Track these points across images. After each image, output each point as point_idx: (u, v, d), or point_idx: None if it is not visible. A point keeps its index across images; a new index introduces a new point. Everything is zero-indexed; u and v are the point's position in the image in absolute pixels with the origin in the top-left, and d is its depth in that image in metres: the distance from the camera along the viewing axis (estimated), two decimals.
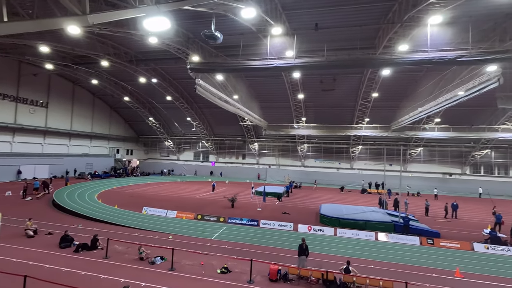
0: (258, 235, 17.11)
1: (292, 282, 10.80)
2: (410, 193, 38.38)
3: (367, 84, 32.43)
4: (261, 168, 52.10)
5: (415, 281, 10.77)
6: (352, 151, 46.91)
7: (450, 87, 24.76)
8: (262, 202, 26.50)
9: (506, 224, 19.10)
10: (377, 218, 19.80)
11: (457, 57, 16.10)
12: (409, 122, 33.23)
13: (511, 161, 43.23)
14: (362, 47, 23.61)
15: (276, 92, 37.75)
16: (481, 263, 13.92)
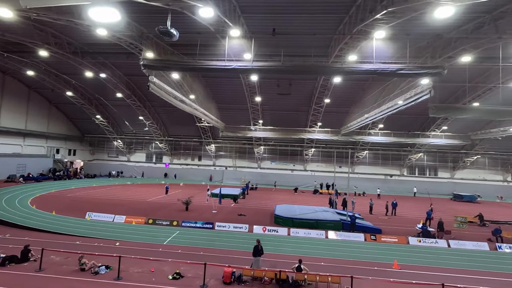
0: (213, 238, 16.85)
1: (246, 284, 10.83)
2: (357, 193, 41.31)
3: (320, 90, 34.18)
4: (217, 170, 51.55)
5: (360, 275, 11.58)
6: (305, 154, 48.94)
7: (391, 96, 27.29)
8: (217, 204, 26.20)
9: (435, 219, 21.60)
10: (328, 217, 20.90)
11: (398, 70, 17.81)
12: (357, 127, 35.84)
13: (439, 163, 49.24)
14: (316, 55, 24.82)
15: (234, 94, 37.77)
16: (414, 254, 15.53)
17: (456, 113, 25.87)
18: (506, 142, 44.48)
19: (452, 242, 17.42)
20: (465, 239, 18.18)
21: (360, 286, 10.71)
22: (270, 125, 41.78)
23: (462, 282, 11.70)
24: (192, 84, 32.01)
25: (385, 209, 27.16)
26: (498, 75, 26.93)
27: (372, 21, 17.89)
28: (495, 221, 24.56)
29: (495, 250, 16.96)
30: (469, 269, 13.68)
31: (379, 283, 11.29)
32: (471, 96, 32.87)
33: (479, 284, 11.68)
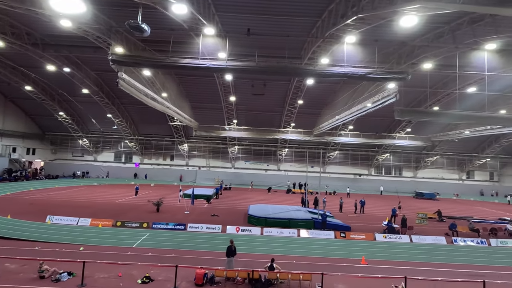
0: (185, 239, 16.51)
1: (219, 285, 10.75)
2: (328, 192, 42.60)
3: (294, 91, 34.81)
4: (190, 170, 50.62)
5: (330, 272, 11.96)
6: (279, 154, 49.60)
7: (361, 99, 28.49)
8: (190, 205, 25.72)
9: (399, 216, 22.87)
10: (300, 216, 21.35)
11: (366, 74, 18.65)
12: (328, 128, 37.00)
13: (403, 163, 52.26)
14: (290, 57, 25.17)
15: (208, 93, 37.29)
16: (380, 250, 16.34)
17: (419, 116, 27.62)
18: (461, 144, 48.33)
19: (414, 237, 18.56)
20: (426, 234, 19.45)
21: (330, 283, 11.06)
22: (245, 125, 41.83)
23: (423, 274, 12.50)
24: (165, 82, 31.12)
25: (354, 207, 28.28)
26: (455, 82, 29.17)
27: (344, 26, 18.53)
28: (452, 216, 26.53)
29: (451, 243, 18.32)
30: (429, 262, 14.66)
31: (348, 279, 11.73)
32: (432, 101, 35.30)
33: (437, 275, 12.54)
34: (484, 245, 18.29)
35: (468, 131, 37.53)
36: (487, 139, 47.65)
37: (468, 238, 18.89)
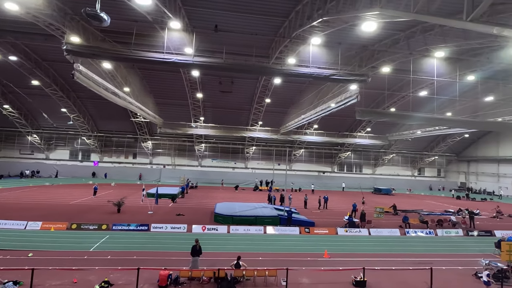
0: (148, 240, 15.89)
1: (183, 285, 10.52)
2: (294, 189, 43.68)
3: (261, 90, 35.09)
4: (154, 168, 48.80)
5: (294, 266, 12.30)
6: (246, 152, 49.77)
7: (325, 99, 29.59)
8: (154, 204, 24.79)
9: (359, 211, 24.18)
10: (266, 213, 21.64)
11: (330, 75, 19.41)
12: (295, 127, 37.93)
13: (363, 161, 55.39)
14: (257, 55, 25.31)
15: (174, 88, 36.19)
16: (342, 243, 17.18)
17: (377, 117, 29.40)
18: (414, 143, 52.44)
19: (372, 230, 19.78)
20: (382, 227, 20.83)
21: (294, 277, 11.37)
22: (212, 122, 41.29)
23: (379, 264, 13.38)
24: (127, 76, 29.57)
25: (318, 203, 29.36)
26: (409, 85, 31.52)
27: (309, 27, 19.05)
28: (405, 210, 28.69)
29: (404, 235, 19.84)
30: (385, 253, 15.73)
31: (311, 273, 12.16)
32: (389, 103, 37.76)
33: (392, 265, 13.51)
34: (432, 235, 20.07)
35: (420, 131, 40.85)
36: (435, 139, 52.27)
37: (419, 229, 20.60)
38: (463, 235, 20.46)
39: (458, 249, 17.05)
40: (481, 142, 52.70)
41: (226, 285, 10.44)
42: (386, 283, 11.47)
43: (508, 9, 14.68)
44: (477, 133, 49.56)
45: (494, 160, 50.32)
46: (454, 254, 16.10)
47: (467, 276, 12.69)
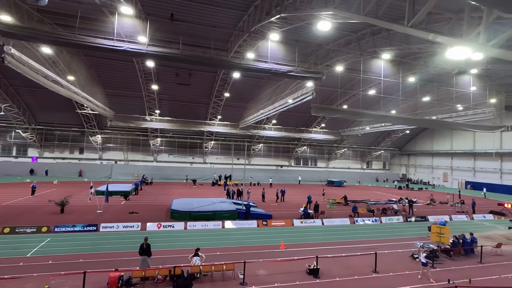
0: (97, 241, 14.80)
1: (136, 286, 10.03)
2: (252, 183, 44.23)
3: (220, 84, 34.65)
4: (105, 164, 45.48)
5: (252, 259, 12.51)
6: (205, 146, 48.93)
7: (283, 95, 30.27)
8: (104, 203, 23.14)
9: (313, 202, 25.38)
10: (224, 207, 21.58)
11: (288, 71, 19.81)
12: (253, 121, 38.25)
13: (318, 155, 58.13)
14: (216, 48, 24.87)
15: (126, 79, 33.94)
16: (298, 234, 17.88)
17: (331, 113, 30.96)
18: (363, 138, 56.53)
19: (325, 221, 20.92)
20: (334, 217, 22.15)
21: (252, 270, 11.55)
22: (168, 116, 39.70)
23: (331, 252, 14.24)
24: (71, 63, 26.94)
25: (276, 196, 30.14)
26: (360, 84, 33.74)
27: (268, 23, 19.23)
28: (354, 200, 30.90)
29: (353, 223, 21.35)
30: (337, 241, 16.75)
31: (268, 264, 12.47)
32: (342, 100, 40.04)
33: (342, 252, 14.47)
34: (377, 222, 21.92)
35: (368, 128, 44.12)
36: (381, 135, 56.94)
37: (366, 218, 22.34)
38: (403, 221, 22.72)
39: (399, 234, 18.88)
40: (419, 138, 58.78)
41: (182, 282, 10.19)
42: (337, 269, 12.25)
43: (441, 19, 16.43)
44: (416, 130, 55.06)
45: (429, 154, 56.56)
46: (395, 238, 17.79)
47: (405, 257, 14.14)
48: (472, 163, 48.16)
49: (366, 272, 12.17)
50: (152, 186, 38.07)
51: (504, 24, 9.93)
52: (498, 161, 43.83)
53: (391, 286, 10.81)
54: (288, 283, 10.84)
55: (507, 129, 40.72)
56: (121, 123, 38.07)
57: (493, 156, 42.93)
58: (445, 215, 24.49)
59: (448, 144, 52.18)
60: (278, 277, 11.26)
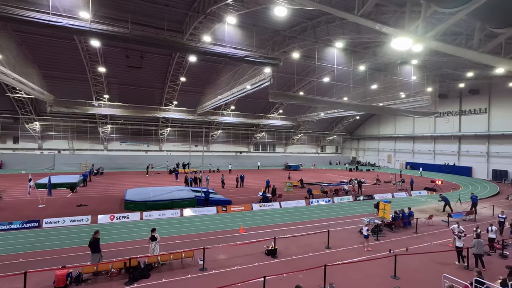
0: (39, 239, 13.54)
1: (88, 282, 9.47)
2: (212, 169, 43.89)
3: (175, 67, 33.09)
4: (46, 154, 41.15)
5: (211, 245, 12.59)
6: (161, 133, 46.88)
7: (241, 80, 30.03)
8: (46, 196, 21.09)
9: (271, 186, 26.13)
10: (183, 195, 21.15)
11: (245, 56, 19.61)
12: (211, 107, 37.50)
13: (276, 141, 59.55)
14: (170, 29, 23.45)
15: (67, 60, 30.61)
16: (257, 218, 18.35)
17: (288, 99, 31.64)
18: (318, 124, 59.17)
19: (283, 203, 21.75)
20: (291, 199, 23.14)
21: (212, 255, 11.63)
22: (119, 101, 36.97)
23: (288, 232, 14.93)
24: None
25: (236, 181, 30.38)
26: (315, 72, 34.90)
27: (224, 5, 18.67)
28: (309, 183, 32.56)
29: (308, 204, 22.55)
30: (293, 222, 17.58)
31: (228, 248, 12.66)
32: (298, 87, 41.13)
33: (298, 231, 15.26)
34: (330, 203, 23.45)
35: (323, 114, 46.18)
36: (334, 120, 60.14)
37: (320, 199, 23.74)
38: (353, 200, 24.63)
39: (349, 212, 20.47)
40: (368, 123, 63.38)
41: (139, 273, 9.88)
42: (293, 248, 12.92)
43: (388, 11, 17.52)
44: (365, 116, 59.15)
45: (376, 138, 61.48)
46: (346, 216, 19.26)
47: (354, 233, 15.43)
48: (412, 146, 53.61)
49: (320, 248, 13.04)
50: (103, 176, 35.63)
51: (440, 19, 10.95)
52: (432, 144, 49.42)
53: (341, 259, 11.76)
54: (248, 265, 11.16)
55: (440, 115, 45.90)
56: (63, 109, 34.46)
57: (428, 139, 48.20)
58: (388, 193, 27.10)
59: (392, 129, 57.17)
60: (238, 260, 11.52)
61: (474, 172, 42.93)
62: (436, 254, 12.24)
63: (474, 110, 42.93)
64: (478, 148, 42.66)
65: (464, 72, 33.62)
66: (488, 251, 12.86)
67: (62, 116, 40.41)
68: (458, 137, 44.97)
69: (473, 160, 43.45)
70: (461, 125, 44.66)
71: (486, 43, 9.92)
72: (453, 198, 23.31)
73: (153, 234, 11.20)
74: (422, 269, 11.12)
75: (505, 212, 16.45)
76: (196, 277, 10.06)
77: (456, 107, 45.25)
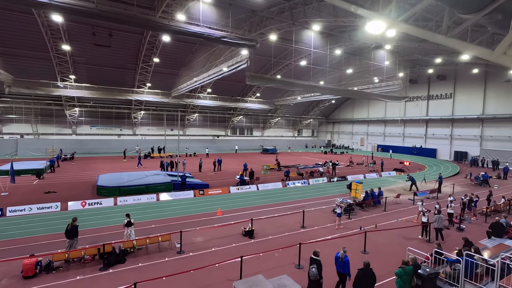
0: (3, 228, 12.82)
1: (59, 270, 9.18)
2: (188, 153, 43.29)
3: (148, 47, 31.52)
4: (7, 139, 38.29)
5: (188, 228, 12.60)
6: (134, 117, 45.10)
7: (217, 62, 29.30)
8: (9, 184, 19.82)
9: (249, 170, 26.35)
10: (158, 180, 20.77)
11: (222, 37, 19.05)
12: (187, 90, 36.47)
13: (254, 124, 59.54)
14: (140, 5, 22.15)
15: (25, 36, 28.06)
16: (234, 200, 18.53)
17: (265, 82, 31.45)
18: (295, 108, 59.72)
19: (260, 186, 22.07)
20: (268, 182, 23.52)
21: (189, 238, 11.67)
22: (87, 82, 34.81)
23: (265, 214, 15.26)
24: None
25: (213, 165, 30.25)
26: (292, 55, 34.74)
27: None
28: (286, 165, 33.19)
29: (285, 186, 23.08)
30: (270, 203, 17.96)
31: (205, 231, 12.74)
32: (275, 70, 40.90)
33: (275, 212, 15.65)
34: (305, 184, 24.14)
35: (299, 97, 46.56)
36: (311, 104, 60.95)
37: (296, 181, 24.35)
38: (327, 181, 25.52)
39: (324, 193, 21.23)
40: (343, 107, 64.93)
41: (114, 259, 9.72)
42: (270, 229, 13.27)
43: None
44: (340, 100, 60.46)
45: (350, 122, 63.33)
46: (320, 197, 19.97)
47: (328, 212, 16.10)
48: (383, 129, 55.93)
49: (295, 228, 13.50)
50: (73, 161, 33.98)
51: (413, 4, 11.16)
52: (402, 127, 51.86)
53: (315, 237, 12.29)
54: (225, 246, 11.34)
55: (410, 100, 47.97)
56: (24, 90, 31.91)
57: (399, 122, 50.48)
58: (360, 174, 28.34)
59: (366, 113, 59.08)
60: (215, 242, 11.66)
61: (439, 154, 45.88)
62: (402, 229, 13.14)
63: (440, 95, 45.27)
64: (442, 131, 45.40)
65: (433, 58, 35.07)
66: (447, 225, 14.01)
67: (23, 98, 37.43)
68: (426, 120, 47.47)
69: (438, 142, 46.30)
70: (429, 109, 47.06)
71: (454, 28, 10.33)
72: (419, 178, 24.87)
73: (129, 220, 10.98)
74: (389, 244, 11.92)
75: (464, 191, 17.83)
76: (174, 260, 10.09)
77: (425, 92, 47.44)
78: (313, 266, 7.65)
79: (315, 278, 7.58)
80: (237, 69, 25.95)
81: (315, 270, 7.58)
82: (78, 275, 8.91)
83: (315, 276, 7.56)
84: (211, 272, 9.01)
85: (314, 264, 7.70)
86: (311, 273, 7.61)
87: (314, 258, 7.87)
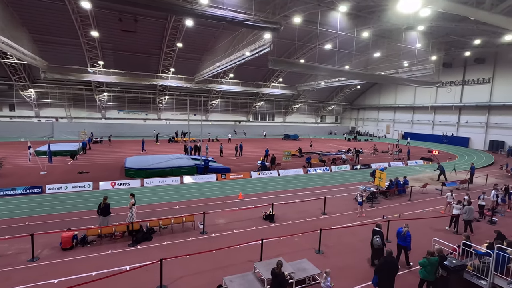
0: (44, 204, 13.90)
1: (93, 244, 9.88)
2: (211, 138, 44.03)
3: (171, 32, 31.74)
4: (44, 122, 40.89)
5: (211, 210, 12.98)
6: (159, 102, 46.28)
7: (240, 46, 29.00)
8: (47, 163, 21.31)
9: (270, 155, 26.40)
10: (182, 163, 21.40)
11: (245, 20, 18.74)
12: (210, 75, 36.63)
13: (275, 110, 59.04)
14: None
15: (57, 23, 29.24)
16: (255, 185, 18.75)
17: (288, 67, 30.75)
18: (318, 93, 58.27)
19: (281, 172, 22.10)
20: (289, 168, 23.48)
21: (211, 219, 12.05)
22: (114, 67, 36.00)
23: (286, 199, 15.34)
24: None
25: (235, 150, 30.61)
26: (317, 38, 33.55)
27: None
28: (308, 152, 32.85)
29: (306, 173, 22.94)
30: (291, 189, 17.99)
31: (227, 214, 13.08)
32: (299, 54, 39.81)
33: (295, 198, 15.68)
34: (327, 171, 23.84)
35: (323, 82, 45.27)
36: (335, 90, 59.15)
37: (318, 168, 24.10)
38: (350, 169, 25.03)
39: (346, 180, 20.89)
40: (368, 93, 62.45)
41: (142, 236, 10.29)
42: (291, 214, 13.35)
43: None
44: (366, 85, 58.11)
45: (376, 108, 60.95)
46: (343, 184, 19.69)
47: (350, 200, 15.87)
48: (411, 116, 53.36)
49: (316, 214, 13.49)
50: (102, 144, 35.77)
51: None
52: (432, 114, 49.15)
53: (336, 223, 12.22)
54: (246, 228, 11.60)
55: (442, 85, 45.11)
56: (57, 76, 33.62)
57: (429, 109, 47.85)
58: (385, 162, 27.49)
59: (393, 99, 56.49)
60: (237, 224, 11.95)
61: (471, 143, 43.26)
62: (428, 220, 12.70)
63: (477, 80, 42.12)
64: (477, 118, 42.53)
65: (471, 39, 32.43)
66: (478, 217, 13.35)
67: (57, 83, 39.54)
68: (459, 107, 44.62)
69: (471, 130, 43.55)
70: (463, 95, 44.10)
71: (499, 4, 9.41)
72: (448, 168, 23.69)
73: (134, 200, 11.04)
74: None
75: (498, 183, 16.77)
76: (197, 240, 10.49)
77: (460, 76, 44.34)
78: (377, 236, 8.56)
79: (379, 246, 8.50)
80: (259, 54, 25.56)
81: (379, 239, 8.51)
82: (110, 249, 9.55)
83: (379, 244, 8.49)
84: (232, 253, 9.30)
85: (377, 235, 8.59)
86: (375, 242, 8.53)
87: (377, 230, 8.74)
